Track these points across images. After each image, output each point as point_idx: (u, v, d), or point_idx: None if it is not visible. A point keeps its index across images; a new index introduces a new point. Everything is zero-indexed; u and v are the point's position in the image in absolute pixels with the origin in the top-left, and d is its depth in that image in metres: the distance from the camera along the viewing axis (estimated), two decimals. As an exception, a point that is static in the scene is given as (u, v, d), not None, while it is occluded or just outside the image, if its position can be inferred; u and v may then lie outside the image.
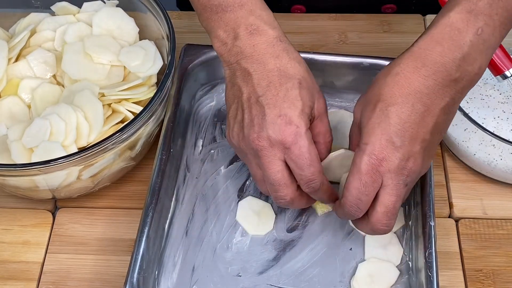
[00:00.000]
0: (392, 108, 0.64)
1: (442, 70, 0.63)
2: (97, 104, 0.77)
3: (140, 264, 0.71)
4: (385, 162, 0.64)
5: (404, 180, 0.65)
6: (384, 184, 0.65)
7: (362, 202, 0.66)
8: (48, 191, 0.77)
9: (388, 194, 0.66)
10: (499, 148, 0.78)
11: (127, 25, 0.85)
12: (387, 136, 0.64)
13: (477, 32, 0.62)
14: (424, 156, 0.66)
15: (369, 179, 0.65)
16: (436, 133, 0.66)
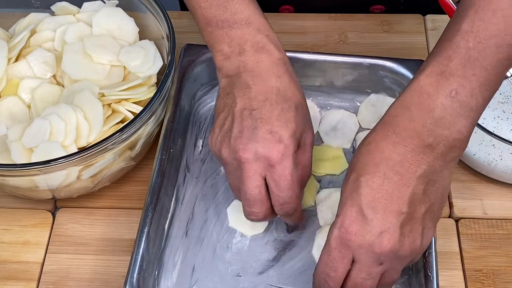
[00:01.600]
0: (363, 178, 0.61)
1: (413, 136, 0.60)
2: (97, 104, 0.77)
3: (140, 264, 0.71)
4: (354, 236, 0.60)
5: (376, 257, 0.61)
6: (355, 259, 0.62)
7: (330, 277, 0.63)
8: (48, 191, 0.77)
9: (357, 270, 0.62)
10: (499, 148, 0.78)
11: (127, 25, 0.85)
12: (357, 208, 0.60)
13: (450, 94, 0.59)
14: (405, 232, 0.60)
15: (337, 254, 0.62)
16: (418, 205, 0.61)
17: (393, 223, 0.60)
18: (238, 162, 0.66)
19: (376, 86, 0.87)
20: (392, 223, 0.60)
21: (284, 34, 0.98)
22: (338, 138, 0.86)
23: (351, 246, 0.61)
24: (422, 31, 0.98)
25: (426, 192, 0.61)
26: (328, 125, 0.86)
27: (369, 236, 0.60)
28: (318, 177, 0.82)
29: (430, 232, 0.63)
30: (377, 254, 0.60)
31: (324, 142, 0.85)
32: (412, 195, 0.60)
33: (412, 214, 0.60)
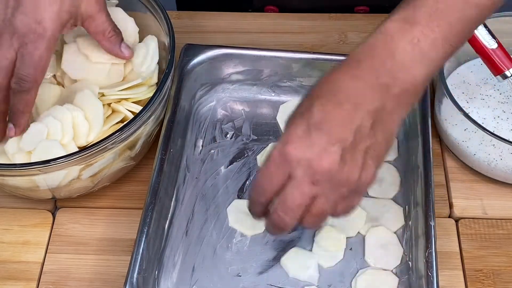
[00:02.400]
0: (318, 101, 0.61)
1: (372, 73, 0.61)
2: (97, 103, 0.77)
3: (140, 264, 0.71)
4: (295, 151, 0.60)
5: (312, 175, 0.61)
6: (291, 175, 0.61)
7: (264, 189, 0.63)
8: (48, 191, 0.77)
9: (290, 186, 0.62)
10: (499, 148, 0.78)
11: (127, 25, 0.85)
12: (305, 126, 0.61)
13: (412, 41, 0.60)
14: (346, 159, 0.61)
15: (275, 168, 0.62)
16: (361, 137, 0.61)
17: (336, 146, 0.60)
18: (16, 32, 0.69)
19: (376, 86, 0.87)
20: (334, 146, 0.60)
21: (284, 34, 0.99)
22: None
23: (290, 160, 0.61)
24: (422, 31, 0.98)
25: (373, 128, 0.61)
26: (328, 125, 0.86)
27: (309, 153, 0.60)
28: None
29: (370, 170, 0.63)
30: (313, 171, 0.60)
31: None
32: (359, 126, 0.61)
33: (355, 145, 0.61)
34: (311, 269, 0.75)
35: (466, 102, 0.85)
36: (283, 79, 0.88)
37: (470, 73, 0.89)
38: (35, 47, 0.69)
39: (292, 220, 0.64)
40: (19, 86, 0.71)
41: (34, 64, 0.70)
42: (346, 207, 0.65)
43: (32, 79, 0.70)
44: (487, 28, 0.79)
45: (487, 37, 0.79)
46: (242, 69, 0.87)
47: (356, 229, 0.78)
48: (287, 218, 0.63)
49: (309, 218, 0.64)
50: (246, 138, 0.86)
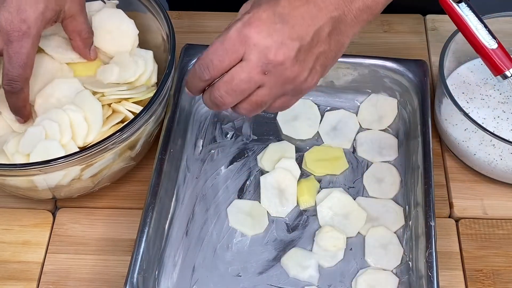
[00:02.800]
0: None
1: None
2: (96, 104, 0.77)
3: (140, 264, 0.71)
4: (256, 35, 0.60)
5: (264, 64, 0.61)
6: (244, 58, 0.61)
7: (213, 65, 0.62)
8: (48, 191, 0.77)
9: (240, 68, 0.61)
10: (499, 148, 0.78)
11: (127, 27, 0.85)
12: (271, 12, 0.61)
13: None
14: (299, 58, 0.61)
15: (231, 46, 0.61)
16: (319, 42, 0.62)
17: (295, 42, 0.61)
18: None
19: (376, 86, 0.87)
20: (293, 42, 0.61)
21: (284, 34, 0.98)
22: (338, 138, 0.86)
23: (248, 42, 0.61)
24: (422, 31, 0.98)
25: (330, 36, 0.63)
26: (328, 125, 0.86)
27: (269, 40, 0.60)
28: (318, 177, 0.82)
29: (316, 76, 0.64)
30: (268, 60, 0.61)
31: (324, 142, 0.85)
32: (319, 29, 0.62)
33: (311, 47, 0.62)
34: (311, 269, 0.75)
35: (466, 102, 0.85)
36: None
37: (470, 73, 0.89)
38: (21, 45, 0.70)
39: (233, 102, 0.64)
40: (11, 88, 0.72)
41: (23, 63, 0.71)
42: (283, 104, 0.66)
43: (23, 78, 0.72)
44: (487, 28, 0.79)
45: (487, 37, 0.79)
46: (242, 69, 0.87)
47: (356, 229, 0.78)
48: (228, 99, 0.63)
49: (246, 105, 0.64)
50: (246, 138, 0.86)
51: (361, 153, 0.84)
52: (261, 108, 0.65)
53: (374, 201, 0.80)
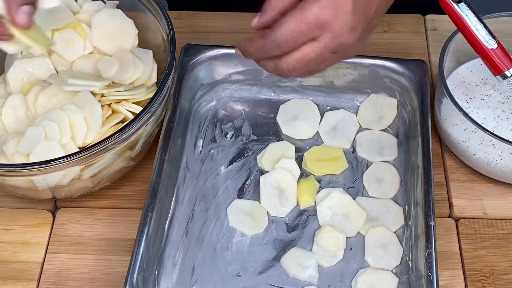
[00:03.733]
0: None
1: None
2: (96, 104, 0.77)
3: (140, 264, 0.71)
4: (331, 19, 0.62)
5: (336, 46, 0.64)
6: (317, 39, 0.63)
7: (286, 44, 0.64)
8: (48, 191, 0.77)
9: (313, 48, 0.64)
10: (499, 148, 0.78)
11: (127, 27, 0.85)
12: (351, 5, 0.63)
13: None
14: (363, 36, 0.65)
15: (307, 29, 0.63)
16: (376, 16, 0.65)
17: (364, 24, 0.64)
18: None
19: (376, 86, 0.87)
20: (362, 24, 0.64)
21: (284, 34, 0.98)
22: (338, 138, 0.86)
23: (324, 27, 0.62)
24: (422, 31, 0.98)
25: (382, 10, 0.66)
26: (328, 125, 0.86)
27: (342, 27, 0.63)
28: (318, 177, 0.83)
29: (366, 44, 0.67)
30: (339, 43, 0.63)
31: (324, 142, 0.85)
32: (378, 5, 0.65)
33: (372, 21, 0.65)
34: (311, 269, 0.75)
35: (466, 102, 0.85)
36: (283, 79, 0.88)
37: (470, 73, 0.89)
38: None
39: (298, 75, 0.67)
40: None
41: None
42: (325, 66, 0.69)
43: None
44: (487, 28, 0.79)
45: (487, 37, 0.79)
46: (242, 69, 0.87)
47: (356, 229, 0.78)
48: (295, 72, 0.66)
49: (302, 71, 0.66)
50: (246, 138, 0.86)
51: (361, 153, 0.84)
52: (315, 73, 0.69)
53: (374, 201, 0.80)
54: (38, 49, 0.73)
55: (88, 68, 0.84)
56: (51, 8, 0.85)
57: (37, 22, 0.83)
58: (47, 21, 0.84)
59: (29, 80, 0.83)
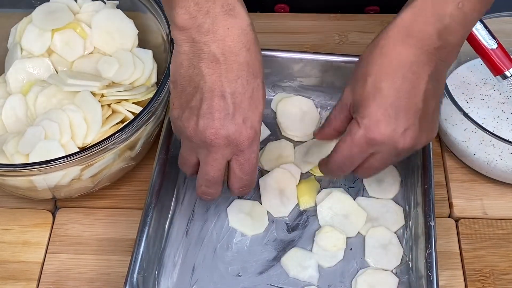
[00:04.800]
0: (384, 83, 0.65)
1: (426, 38, 0.65)
2: (96, 104, 0.77)
3: (140, 264, 0.71)
4: (379, 135, 0.65)
5: (397, 152, 0.67)
6: (376, 152, 0.67)
7: (346, 167, 0.70)
8: (48, 191, 0.77)
9: (375, 160, 0.68)
10: (499, 148, 0.78)
11: (127, 27, 0.85)
12: (383, 109, 0.65)
13: (458, 6, 0.64)
14: (423, 127, 0.66)
15: (359, 151, 0.67)
16: (428, 100, 0.66)
17: (414, 120, 0.65)
18: (207, 144, 0.66)
19: (376, 86, 0.87)
20: (413, 121, 0.65)
21: (284, 34, 0.99)
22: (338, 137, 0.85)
23: (375, 144, 0.66)
24: (422, 31, 0.98)
25: (434, 89, 0.67)
26: (328, 125, 0.86)
27: (394, 134, 0.65)
28: (318, 177, 0.82)
29: (437, 125, 0.70)
30: (399, 149, 0.66)
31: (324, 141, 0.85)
32: (426, 91, 0.65)
33: (426, 109, 0.66)
34: (311, 269, 0.75)
35: (466, 102, 0.85)
36: (283, 79, 0.88)
37: (470, 73, 0.89)
38: (251, 151, 0.67)
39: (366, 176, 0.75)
40: (244, 192, 0.72)
41: (254, 168, 0.69)
42: None
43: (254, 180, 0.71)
44: (487, 28, 0.79)
45: (487, 37, 0.79)
46: (242, 69, 0.87)
47: (356, 229, 0.78)
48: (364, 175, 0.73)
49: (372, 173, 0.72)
50: (246, 138, 0.86)
51: (361, 153, 0.84)
52: None
53: (374, 201, 0.80)
54: None
55: (88, 68, 0.84)
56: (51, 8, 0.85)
57: (37, 22, 0.84)
58: (47, 21, 0.84)
59: (29, 80, 0.83)
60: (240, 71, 0.64)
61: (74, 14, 0.87)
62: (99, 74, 0.83)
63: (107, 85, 0.80)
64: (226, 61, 0.64)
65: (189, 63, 0.65)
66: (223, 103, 0.64)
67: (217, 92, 0.64)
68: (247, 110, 0.65)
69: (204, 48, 0.64)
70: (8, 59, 0.86)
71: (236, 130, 0.65)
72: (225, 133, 0.65)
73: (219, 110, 0.64)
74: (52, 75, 0.82)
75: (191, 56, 0.65)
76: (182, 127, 0.67)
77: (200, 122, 0.65)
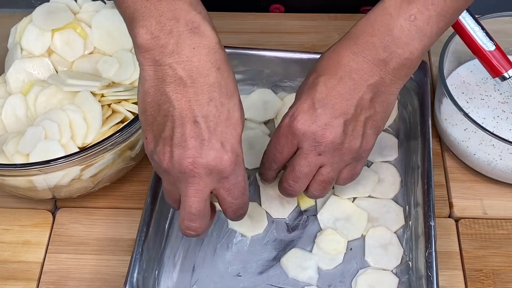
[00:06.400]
0: (321, 78, 0.66)
1: (371, 49, 0.65)
2: (96, 104, 0.77)
3: (140, 264, 0.71)
4: (301, 125, 0.66)
5: (317, 146, 0.66)
6: (299, 146, 0.68)
7: (276, 158, 0.70)
8: (48, 191, 0.77)
9: (298, 157, 0.68)
10: (499, 148, 0.78)
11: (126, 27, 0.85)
12: (310, 101, 0.66)
13: (409, 18, 0.63)
14: (348, 130, 0.66)
15: (284, 139, 0.68)
16: (363, 110, 0.66)
17: (338, 119, 0.66)
18: (185, 175, 0.61)
19: (376, 86, 0.87)
20: (338, 121, 0.66)
21: (284, 34, 0.99)
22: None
23: (296, 133, 0.67)
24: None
25: (372, 101, 0.66)
26: (328, 125, 0.86)
27: (314, 126, 0.66)
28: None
29: (371, 140, 0.69)
30: (318, 143, 0.66)
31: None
32: (360, 99, 0.66)
33: (356, 117, 0.66)
34: (310, 270, 0.75)
35: (466, 102, 0.85)
36: (283, 79, 0.88)
37: (470, 73, 0.89)
38: (236, 175, 0.63)
39: (301, 187, 0.71)
40: (239, 216, 0.68)
41: (243, 191, 0.65)
42: (350, 173, 0.71)
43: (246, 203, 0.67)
44: (485, 30, 0.79)
45: (484, 39, 0.79)
46: (242, 69, 0.87)
47: (360, 231, 0.77)
48: (296, 186, 0.70)
49: (316, 185, 0.70)
50: (246, 138, 0.86)
51: (361, 153, 0.84)
52: (330, 184, 0.71)
53: (374, 201, 0.80)
54: None
55: (88, 68, 0.84)
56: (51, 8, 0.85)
57: (37, 22, 0.84)
58: (47, 21, 0.84)
59: (29, 80, 0.83)
60: (211, 92, 0.60)
61: (74, 14, 0.87)
62: (99, 74, 0.83)
63: (107, 85, 0.80)
64: (194, 84, 0.60)
65: (155, 89, 0.61)
66: (197, 128, 0.60)
67: (188, 118, 0.60)
68: (224, 133, 0.61)
69: (168, 71, 0.60)
70: (8, 59, 0.86)
71: (215, 157, 0.60)
72: (204, 162, 0.60)
73: (194, 137, 0.60)
74: (52, 75, 0.82)
75: (157, 82, 0.60)
76: (157, 161, 0.62)
77: (175, 152, 0.60)
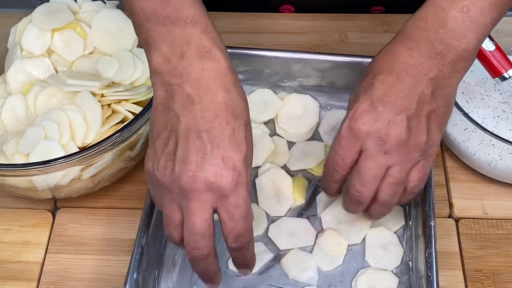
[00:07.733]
0: (378, 77, 0.66)
1: (426, 43, 0.65)
2: (96, 104, 0.77)
3: (140, 264, 0.71)
4: (363, 125, 0.64)
5: (382, 145, 0.64)
6: (363, 148, 0.65)
7: (338, 165, 0.67)
8: (48, 191, 0.77)
9: (364, 159, 0.65)
10: (499, 148, 0.78)
11: (126, 27, 0.85)
12: (369, 101, 0.65)
13: (462, 10, 0.64)
14: (412, 126, 0.64)
15: (346, 143, 0.65)
16: (425, 105, 0.65)
17: (401, 115, 0.64)
18: (186, 192, 0.60)
19: (376, 86, 0.87)
20: (400, 117, 0.64)
21: (284, 34, 0.99)
22: (337, 138, 0.85)
23: (359, 135, 0.65)
24: (422, 31, 0.98)
25: (433, 95, 0.65)
26: (328, 125, 0.86)
27: (377, 125, 0.64)
28: (318, 177, 0.82)
29: (436, 134, 0.66)
30: (383, 141, 0.64)
31: (324, 141, 0.85)
32: (421, 94, 0.65)
33: (419, 112, 0.65)
34: (310, 271, 0.75)
35: (466, 102, 0.85)
36: (283, 79, 0.88)
37: (470, 73, 0.88)
38: (238, 197, 0.60)
39: (370, 191, 0.67)
40: (240, 244, 0.63)
41: (245, 215, 0.62)
42: (420, 172, 0.67)
43: (249, 230, 0.63)
44: (486, 30, 0.79)
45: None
46: (242, 69, 0.87)
47: (362, 235, 0.77)
48: (364, 190, 0.66)
49: (386, 188, 0.66)
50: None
51: (361, 153, 0.84)
52: (400, 187, 0.67)
53: (374, 201, 0.80)
54: None
55: (88, 68, 0.84)
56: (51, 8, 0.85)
57: (37, 22, 0.84)
58: (47, 21, 0.84)
59: (29, 80, 0.83)
60: (217, 110, 0.60)
61: (74, 14, 0.87)
62: (99, 74, 0.83)
63: (107, 85, 0.80)
64: (201, 101, 0.60)
65: (164, 107, 0.62)
66: (200, 143, 0.59)
67: (192, 132, 0.60)
68: (226, 150, 0.60)
69: (177, 89, 0.61)
70: (8, 59, 0.86)
71: (215, 172, 0.59)
72: (204, 176, 0.59)
73: (196, 151, 0.59)
74: (52, 75, 0.82)
75: (166, 100, 0.62)
76: (158, 178, 0.61)
77: (177, 167, 0.60)
